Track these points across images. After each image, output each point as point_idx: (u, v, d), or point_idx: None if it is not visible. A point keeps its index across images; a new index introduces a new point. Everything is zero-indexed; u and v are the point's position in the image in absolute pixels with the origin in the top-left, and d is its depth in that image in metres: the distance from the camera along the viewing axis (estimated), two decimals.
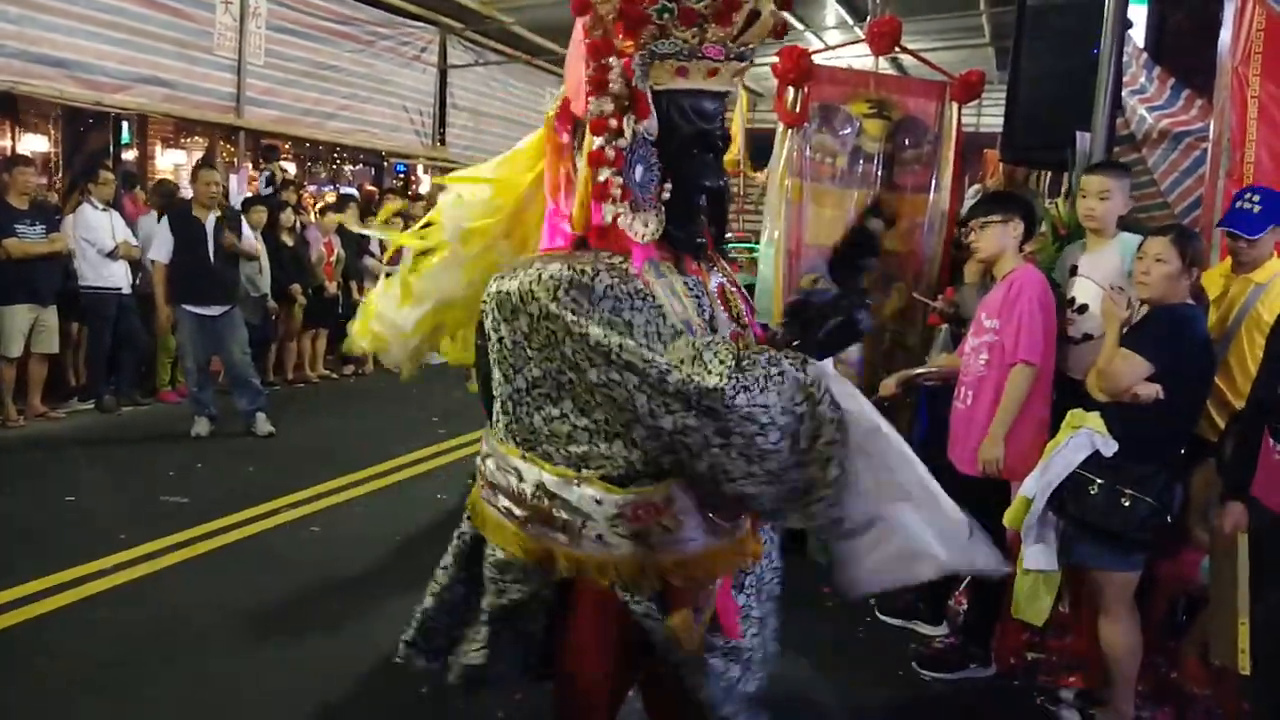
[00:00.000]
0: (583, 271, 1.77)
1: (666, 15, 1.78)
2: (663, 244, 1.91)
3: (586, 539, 1.85)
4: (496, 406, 1.93)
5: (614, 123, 1.82)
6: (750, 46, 1.91)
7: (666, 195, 1.88)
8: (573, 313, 1.72)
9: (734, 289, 2.06)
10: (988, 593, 3.59)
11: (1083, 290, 3.51)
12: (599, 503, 1.82)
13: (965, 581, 3.97)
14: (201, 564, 4.41)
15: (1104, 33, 3.88)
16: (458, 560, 2.13)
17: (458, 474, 6.08)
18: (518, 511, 1.92)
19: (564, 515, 1.85)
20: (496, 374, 1.90)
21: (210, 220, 6.71)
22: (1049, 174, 5.30)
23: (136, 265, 7.48)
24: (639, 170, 1.84)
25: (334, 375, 9.52)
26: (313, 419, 7.65)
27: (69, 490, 5.33)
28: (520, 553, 1.93)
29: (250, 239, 7.23)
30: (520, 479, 1.90)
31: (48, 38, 7.81)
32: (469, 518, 2.10)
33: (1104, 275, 3.45)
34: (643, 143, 1.84)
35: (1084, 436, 3.05)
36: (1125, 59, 4.20)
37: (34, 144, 9.08)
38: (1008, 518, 3.25)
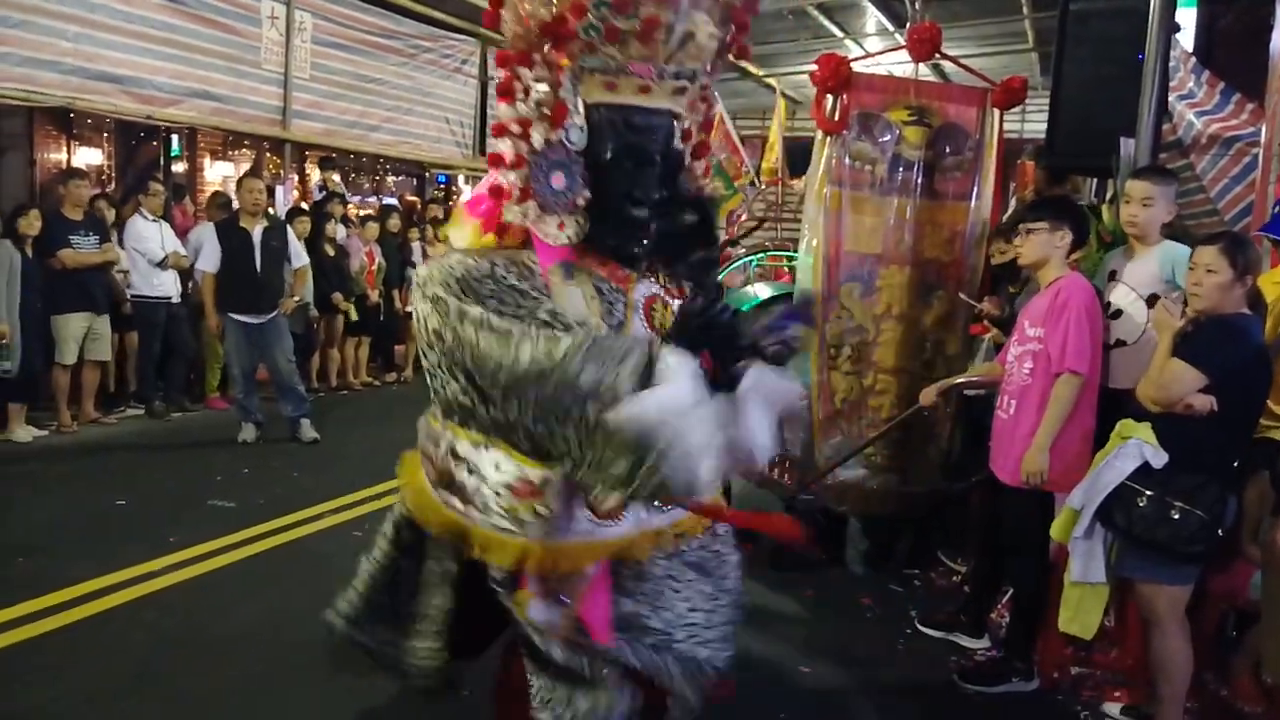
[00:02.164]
0: (476, 263, 1.90)
1: (593, 33, 1.87)
2: (589, 249, 2.00)
3: (474, 506, 2.01)
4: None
5: (515, 128, 1.94)
6: (690, 67, 2.00)
7: (582, 201, 1.96)
8: (458, 296, 1.83)
9: (666, 303, 2.11)
10: (1031, 605, 3.55)
11: (1119, 296, 3.47)
12: (498, 468, 1.97)
13: (1008, 594, 3.93)
14: (249, 567, 4.48)
15: (1149, 37, 3.83)
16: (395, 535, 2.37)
17: None
18: (432, 475, 2.12)
19: (463, 478, 2.02)
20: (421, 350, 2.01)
21: (257, 230, 6.83)
22: (1094, 181, 5.24)
23: (186, 275, 7.64)
24: (556, 176, 1.93)
25: (376, 383, 9.62)
26: (356, 426, 7.74)
27: (120, 494, 5.44)
28: (432, 522, 2.15)
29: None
30: (437, 445, 2.10)
31: (103, 54, 8.02)
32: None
33: (1141, 283, 3.41)
34: (562, 150, 1.94)
35: (1133, 447, 2.99)
36: (1173, 63, 4.14)
37: (88, 157, 9.30)
38: (1055, 529, 3.20)
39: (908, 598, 4.39)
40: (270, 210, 7.61)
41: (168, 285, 7.46)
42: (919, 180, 4.59)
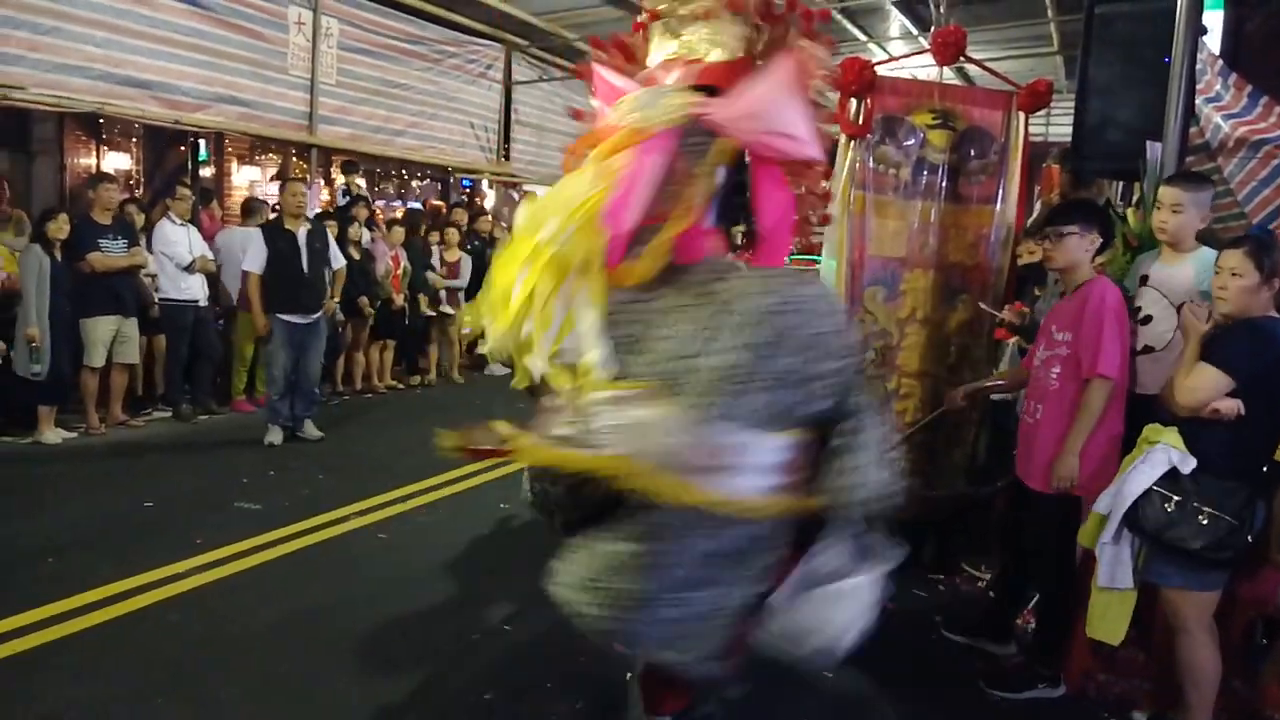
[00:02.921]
0: None
1: None
2: None
3: None
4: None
5: None
6: None
7: None
8: None
9: None
10: (1057, 610, 3.53)
11: (1149, 301, 3.44)
12: None
13: (1034, 599, 3.90)
14: (274, 569, 4.52)
15: (1176, 39, 3.80)
16: None
17: (520, 483, 6.13)
18: None
19: None
20: None
21: (301, 232, 6.95)
22: (1119, 184, 5.20)
23: (213, 278, 7.72)
24: None
25: (400, 386, 9.68)
26: (380, 428, 7.79)
27: (148, 496, 5.50)
28: None
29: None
30: None
31: (131, 60, 8.12)
32: None
33: (1174, 289, 3.38)
34: None
35: (1161, 452, 2.97)
36: (1199, 66, 4.10)
37: (117, 162, 9.43)
38: (1082, 535, 3.18)
39: (931, 603, 4.36)
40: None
41: (195, 289, 7.55)
42: (943, 184, 4.57)
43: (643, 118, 2.21)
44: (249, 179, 10.77)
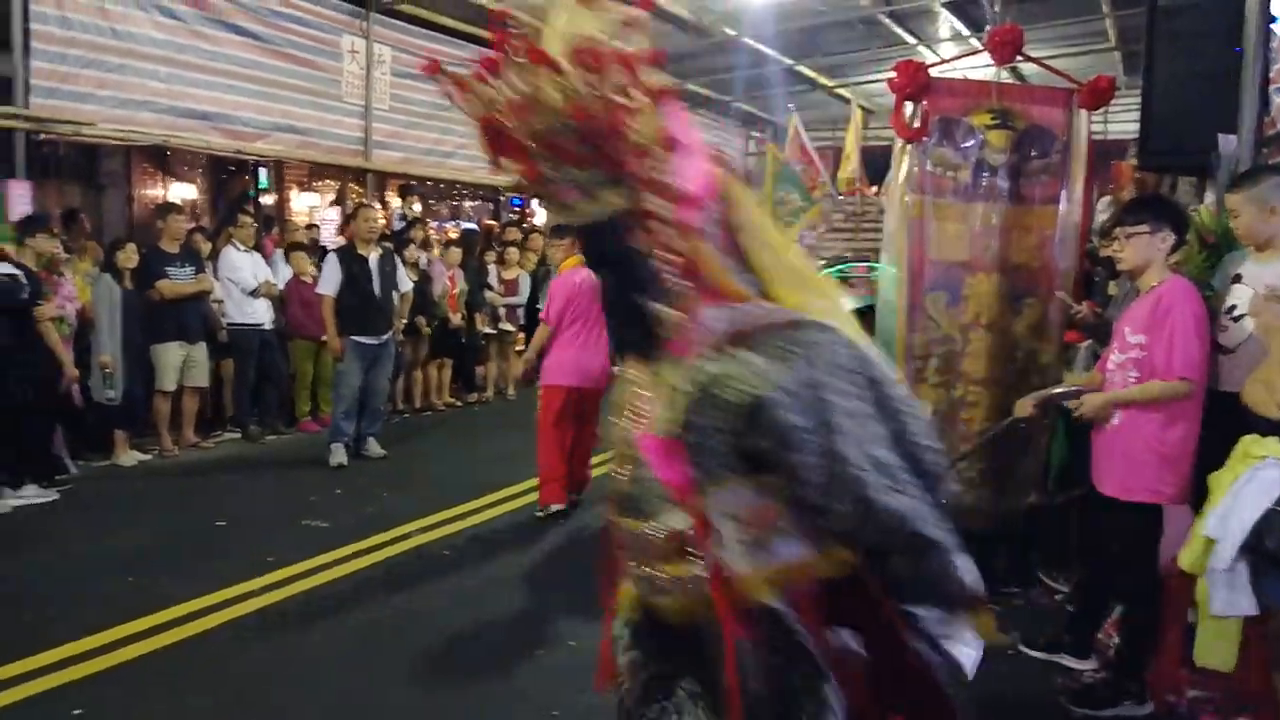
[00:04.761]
0: None
1: None
2: None
3: None
4: None
5: None
6: None
7: None
8: None
9: None
10: (1143, 624, 3.41)
11: (1243, 299, 3.32)
12: None
13: (1116, 612, 3.78)
14: (344, 585, 4.57)
15: (1246, 29, 3.70)
16: None
17: (581, 496, 6.15)
18: None
19: None
20: None
21: (373, 256, 7.09)
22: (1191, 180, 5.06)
23: (277, 302, 7.88)
24: None
25: (458, 403, 9.77)
26: (440, 445, 7.87)
27: (220, 515, 5.62)
28: None
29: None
30: None
31: (194, 93, 8.36)
32: None
33: (1273, 286, 3.25)
34: None
35: (1272, 469, 2.81)
36: (1270, 55, 3.99)
37: (182, 192, 9.67)
38: (1185, 560, 3.00)
39: (1007, 617, 4.26)
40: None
41: (260, 313, 7.71)
42: (1004, 185, 4.48)
43: None
44: (308, 205, 10.99)
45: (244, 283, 7.57)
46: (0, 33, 7.13)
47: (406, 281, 7.66)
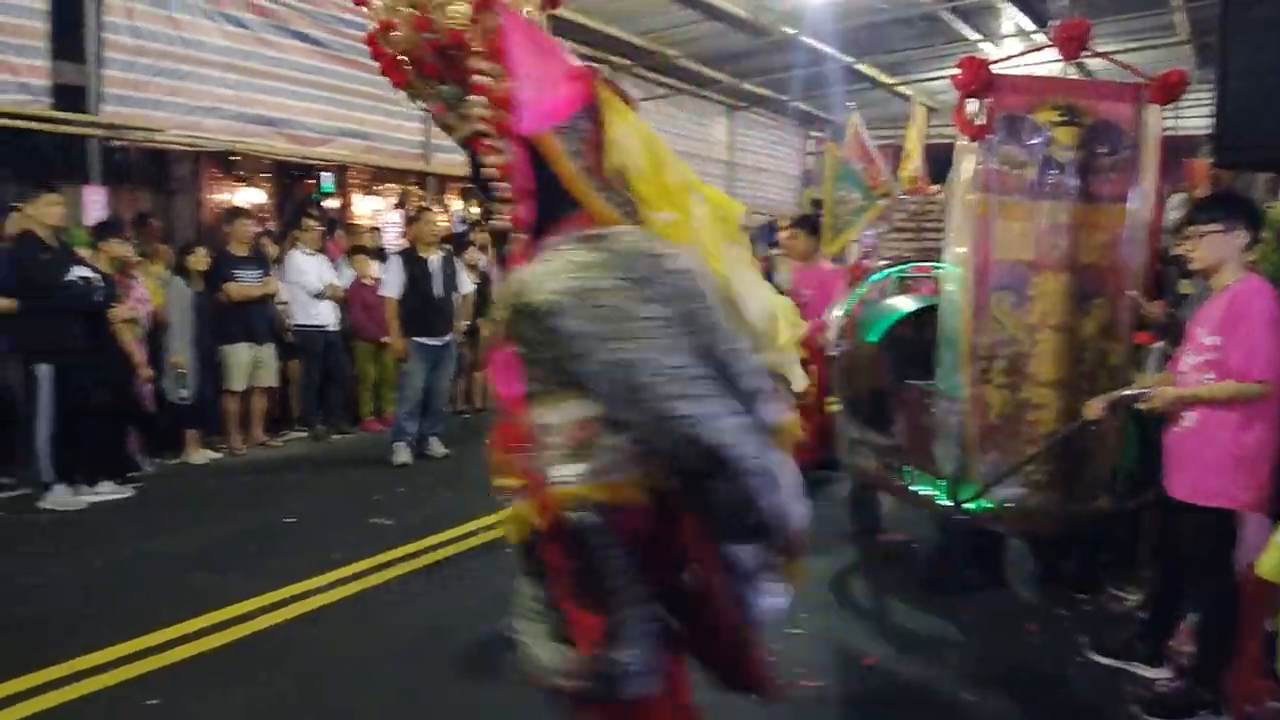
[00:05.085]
0: None
1: None
2: None
3: None
4: None
5: None
6: None
7: None
8: None
9: None
10: (1219, 631, 3.31)
11: None
12: None
13: (1190, 619, 3.68)
14: (407, 583, 4.64)
15: None
16: None
17: None
18: None
19: None
20: None
21: (434, 259, 7.21)
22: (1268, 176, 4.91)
23: (342, 304, 8.03)
24: None
25: None
26: None
27: (288, 512, 5.75)
28: None
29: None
30: None
31: (260, 99, 8.55)
32: None
33: None
34: None
35: None
36: None
37: (249, 196, 9.89)
38: (1265, 567, 2.94)
39: (1077, 623, 4.17)
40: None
41: (325, 315, 7.86)
42: (1072, 182, 4.39)
43: None
44: (371, 209, 11.16)
45: (309, 285, 7.73)
46: (74, 44, 7.35)
47: (468, 284, 7.77)
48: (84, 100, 7.40)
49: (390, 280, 7.17)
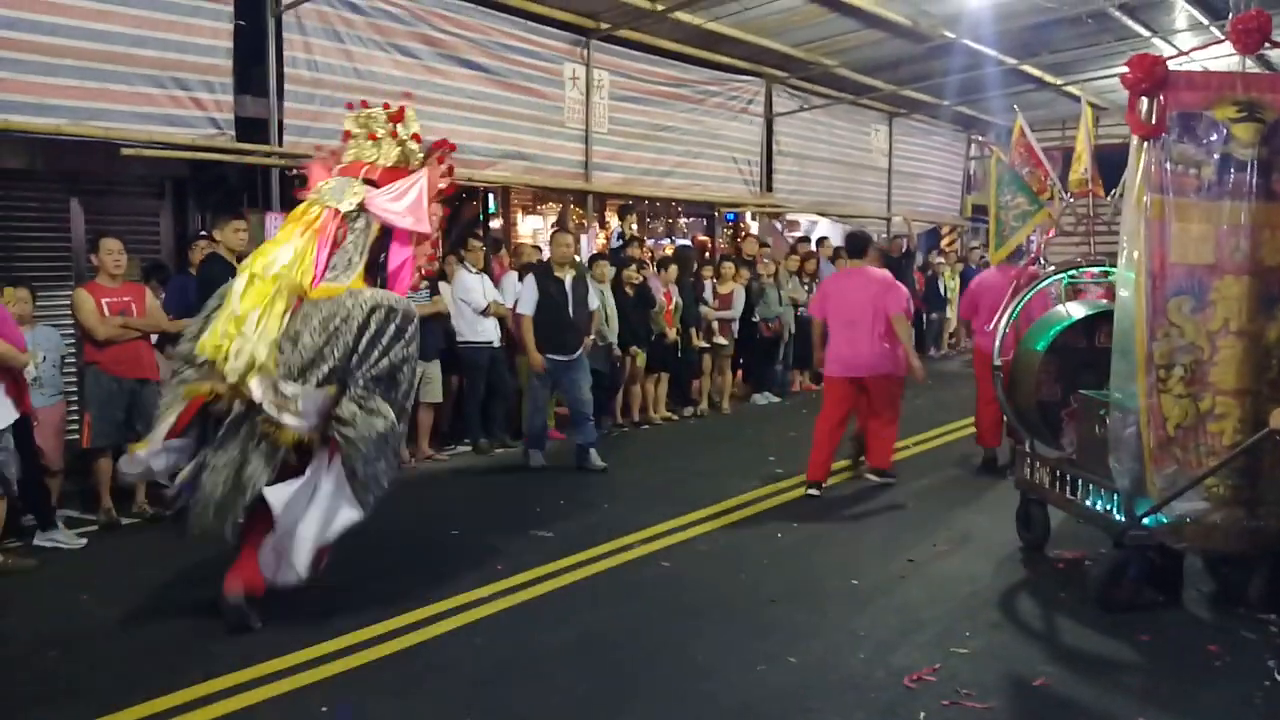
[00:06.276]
0: None
1: None
2: None
3: None
4: None
5: None
6: None
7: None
8: None
9: None
10: None
11: None
12: None
13: None
14: (569, 594, 4.79)
15: None
16: None
17: (795, 511, 6.15)
18: None
19: None
20: None
21: (568, 277, 7.47)
22: None
23: (504, 321, 8.36)
24: None
25: (674, 417, 9.95)
26: (657, 459, 8.06)
27: (453, 524, 6.02)
28: None
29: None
30: None
31: (429, 125, 8.93)
32: None
33: None
34: None
35: None
36: None
37: None
38: None
39: (1264, 645, 3.91)
40: (577, 258, 8.18)
41: (489, 331, 8.19)
42: (1254, 180, 4.14)
43: (332, 198, 4.70)
44: (533, 228, 11.57)
45: (475, 303, 8.08)
46: (257, 79, 7.94)
47: (595, 300, 7.96)
48: (266, 132, 7.94)
49: (525, 298, 7.45)
